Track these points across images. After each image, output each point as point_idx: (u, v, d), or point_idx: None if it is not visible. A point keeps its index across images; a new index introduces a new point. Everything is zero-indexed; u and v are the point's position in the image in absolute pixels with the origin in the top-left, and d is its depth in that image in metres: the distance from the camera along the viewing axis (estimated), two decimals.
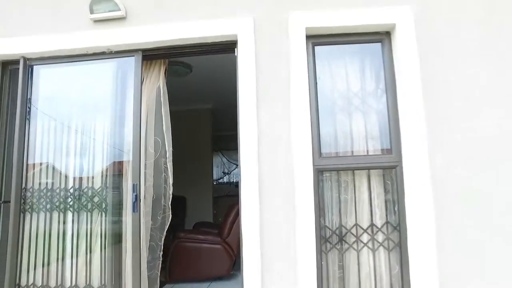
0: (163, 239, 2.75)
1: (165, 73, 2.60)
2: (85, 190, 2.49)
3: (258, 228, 2.11)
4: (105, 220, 2.45)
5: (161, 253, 2.77)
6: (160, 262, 2.78)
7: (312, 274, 2.06)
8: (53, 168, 2.50)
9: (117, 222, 2.45)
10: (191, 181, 5.82)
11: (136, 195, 2.36)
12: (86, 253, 2.44)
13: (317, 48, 2.35)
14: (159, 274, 2.80)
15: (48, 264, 2.44)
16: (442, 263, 2.02)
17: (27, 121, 2.54)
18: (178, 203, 5.90)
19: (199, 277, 3.80)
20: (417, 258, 2.06)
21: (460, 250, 2.03)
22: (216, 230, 4.27)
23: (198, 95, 5.23)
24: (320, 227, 2.22)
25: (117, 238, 2.44)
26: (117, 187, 2.49)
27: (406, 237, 2.14)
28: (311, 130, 2.22)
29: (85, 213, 2.48)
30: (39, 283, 2.42)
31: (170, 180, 2.52)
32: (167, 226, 2.69)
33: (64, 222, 2.48)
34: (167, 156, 2.52)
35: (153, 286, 2.76)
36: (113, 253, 2.43)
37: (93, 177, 2.51)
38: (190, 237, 3.93)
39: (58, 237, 2.48)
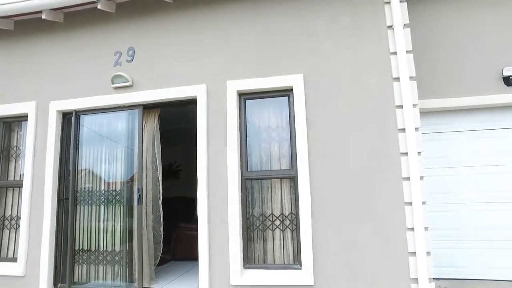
0: (162, 229, 4.16)
1: (158, 117, 4.07)
2: (111, 192, 4.03)
3: (206, 211, 3.49)
4: (123, 210, 3.97)
5: (162, 239, 4.19)
6: (161, 246, 4.20)
7: (239, 239, 3.39)
8: (92, 177, 4.07)
9: (130, 211, 3.95)
10: None
11: (139, 194, 3.85)
12: (112, 230, 3.97)
13: (247, 101, 3.69)
14: (160, 255, 4.22)
15: (90, 236, 4.00)
16: (314, 235, 3.25)
17: (77, 148, 4.15)
18: (189, 204, 7.43)
19: (194, 256, 5.19)
20: (304, 237, 3.30)
21: (329, 236, 3.25)
22: None
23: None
24: (247, 215, 3.55)
25: (129, 221, 3.94)
26: (130, 190, 3.99)
27: (299, 222, 3.38)
28: (241, 153, 3.57)
29: (111, 205, 4.02)
30: (85, 248, 3.99)
31: (161, 186, 3.99)
32: (162, 221, 4.12)
33: (98, 211, 4.03)
34: (158, 170, 4.00)
35: (156, 259, 4.20)
36: (127, 230, 3.93)
37: (115, 183, 4.04)
38: (188, 226, 5.38)
39: (95, 220, 4.04)
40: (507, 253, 4.15)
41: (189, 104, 3.82)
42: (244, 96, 3.68)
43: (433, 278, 4.15)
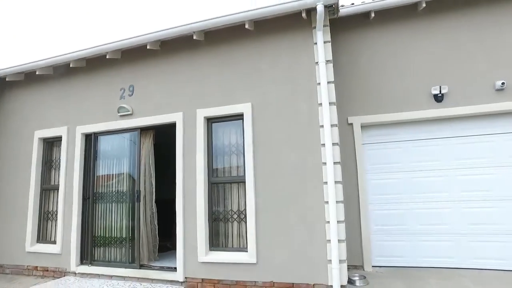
0: (156, 222, 5.43)
1: (153, 137, 5.34)
2: (119, 192, 5.37)
3: (182, 208, 4.68)
4: (127, 206, 5.28)
5: (156, 231, 5.46)
6: (157, 237, 5.47)
7: (205, 229, 4.53)
8: (105, 182, 5.45)
9: (132, 206, 5.24)
10: None
11: (138, 195, 5.14)
12: (120, 221, 5.30)
13: (213, 124, 4.83)
14: (157, 243, 5.49)
15: (105, 226, 5.37)
16: (259, 233, 4.29)
17: (95, 160, 5.56)
18: None
19: None
20: (250, 227, 4.34)
21: (269, 227, 4.27)
22: None
23: None
24: (213, 210, 4.67)
25: (132, 213, 5.23)
26: (132, 191, 5.29)
27: (247, 218, 4.43)
28: (208, 164, 4.71)
29: (120, 203, 5.36)
30: (101, 235, 5.37)
31: (154, 189, 5.26)
32: (156, 217, 5.39)
33: (110, 208, 5.39)
34: (152, 176, 5.27)
35: (156, 247, 5.47)
36: (130, 221, 5.23)
37: (122, 186, 5.37)
38: None
39: (110, 214, 5.40)
40: (437, 245, 4.84)
41: (173, 127, 5.03)
42: (210, 120, 4.83)
43: (376, 266, 5.00)
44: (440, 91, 4.85)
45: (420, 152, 5.08)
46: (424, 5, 4.89)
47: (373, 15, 5.12)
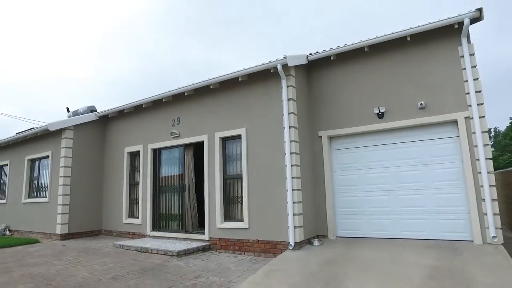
0: (196, 205, 8.36)
1: (193, 150, 8.27)
2: (175, 186, 8.44)
3: (207, 195, 7.48)
4: (178, 195, 8.31)
5: (196, 211, 8.38)
6: (197, 215, 8.39)
7: (220, 208, 7.25)
8: (165, 180, 8.58)
9: (181, 195, 8.25)
10: None
11: (184, 188, 8.13)
12: (173, 204, 8.36)
13: (226, 141, 7.52)
14: (197, 220, 8.40)
15: (165, 207, 8.49)
16: (250, 210, 6.83)
17: (159, 166, 8.75)
18: None
19: None
20: (245, 206, 6.90)
21: (255, 206, 6.78)
22: None
23: None
24: (225, 196, 7.37)
25: (181, 200, 8.23)
26: (180, 186, 8.29)
27: (243, 199, 6.98)
28: (222, 167, 7.43)
29: (173, 193, 8.43)
30: (163, 213, 8.50)
31: (194, 184, 8.17)
32: (195, 202, 8.30)
33: (169, 196, 8.50)
34: (193, 175, 8.19)
35: (196, 220, 8.40)
36: (180, 205, 8.23)
37: (175, 182, 8.43)
38: None
39: (168, 200, 8.54)
40: (381, 222, 6.71)
41: (202, 144, 7.86)
42: (224, 139, 7.54)
43: (339, 236, 7.11)
44: (379, 111, 6.72)
45: (372, 154, 6.98)
46: (366, 49, 6.81)
47: (332, 58, 7.19)
